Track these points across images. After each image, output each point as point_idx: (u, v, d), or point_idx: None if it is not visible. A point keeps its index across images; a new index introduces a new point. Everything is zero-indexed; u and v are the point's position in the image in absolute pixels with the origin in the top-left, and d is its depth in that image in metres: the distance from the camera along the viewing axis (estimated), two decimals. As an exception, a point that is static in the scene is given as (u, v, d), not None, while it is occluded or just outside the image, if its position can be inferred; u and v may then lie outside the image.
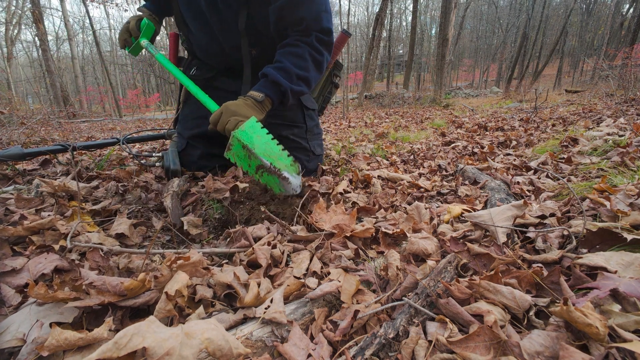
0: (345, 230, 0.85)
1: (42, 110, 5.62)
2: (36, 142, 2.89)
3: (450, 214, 0.97)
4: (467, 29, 34.42)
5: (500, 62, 26.79)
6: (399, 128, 4.18)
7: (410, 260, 0.74)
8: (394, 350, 0.50)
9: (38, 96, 17.41)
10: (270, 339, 0.50)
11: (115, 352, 0.39)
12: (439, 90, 10.56)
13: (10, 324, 0.52)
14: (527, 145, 2.26)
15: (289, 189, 1.08)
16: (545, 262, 0.67)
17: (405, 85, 17.22)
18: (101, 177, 1.35)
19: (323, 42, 1.23)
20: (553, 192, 1.12)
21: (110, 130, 5.85)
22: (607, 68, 8.07)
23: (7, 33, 15.62)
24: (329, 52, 1.27)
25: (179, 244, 0.91)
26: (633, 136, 1.69)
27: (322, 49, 1.23)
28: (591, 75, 17.54)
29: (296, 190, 1.10)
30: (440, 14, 10.38)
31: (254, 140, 1.03)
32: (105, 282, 0.56)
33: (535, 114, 4.24)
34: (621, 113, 3.07)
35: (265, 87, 1.17)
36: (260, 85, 1.18)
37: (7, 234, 0.75)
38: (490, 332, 0.48)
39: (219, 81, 1.45)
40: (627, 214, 0.76)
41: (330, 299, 0.60)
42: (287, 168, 1.08)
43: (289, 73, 1.17)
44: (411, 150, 2.39)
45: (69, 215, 0.91)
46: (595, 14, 27.06)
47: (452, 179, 1.49)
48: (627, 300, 0.51)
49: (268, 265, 0.72)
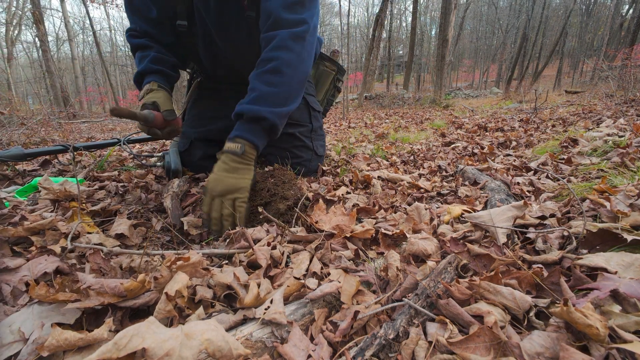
0: (345, 231, 0.85)
1: (42, 111, 5.62)
2: (36, 142, 2.89)
3: (450, 214, 0.97)
4: (467, 29, 34.44)
5: (500, 63, 26.81)
6: (398, 129, 4.18)
7: (410, 261, 0.74)
8: (394, 351, 0.50)
9: (38, 97, 17.42)
10: (270, 339, 0.50)
11: (115, 353, 0.39)
12: (438, 91, 10.57)
13: (11, 323, 0.52)
14: (527, 146, 2.26)
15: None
16: (546, 262, 0.67)
17: (405, 86, 17.24)
18: (100, 179, 1.35)
19: (297, 38, 1.03)
20: (553, 192, 1.12)
21: (111, 130, 5.85)
22: (607, 69, 8.08)
23: (8, 34, 15.64)
24: (306, 43, 1.07)
25: (179, 245, 0.91)
26: (633, 137, 1.69)
27: (293, 45, 1.02)
28: (591, 76, 17.54)
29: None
30: (440, 14, 10.39)
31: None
32: (104, 285, 0.56)
33: (535, 114, 4.24)
34: (621, 114, 3.07)
35: (241, 131, 0.98)
36: (236, 130, 0.99)
37: (7, 234, 0.75)
38: (490, 333, 0.48)
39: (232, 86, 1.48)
40: (627, 215, 0.76)
41: (330, 299, 0.60)
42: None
43: (265, 98, 0.99)
44: (411, 150, 2.39)
45: (69, 216, 0.91)
46: (595, 14, 27.08)
47: (452, 180, 1.49)
48: (628, 301, 0.51)
49: (268, 265, 0.72)
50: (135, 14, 1.21)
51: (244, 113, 0.98)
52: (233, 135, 0.99)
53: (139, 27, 1.23)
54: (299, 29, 1.03)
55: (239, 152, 0.95)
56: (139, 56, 1.23)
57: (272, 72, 1.01)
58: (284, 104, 1.02)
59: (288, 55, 1.01)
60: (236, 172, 0.95)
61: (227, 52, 1.29)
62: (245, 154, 0.97)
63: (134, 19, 1.22)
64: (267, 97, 0.99)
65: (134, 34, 1.24)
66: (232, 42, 1.25)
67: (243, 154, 0.96)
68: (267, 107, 0.98)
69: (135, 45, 1.24)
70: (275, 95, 1.00)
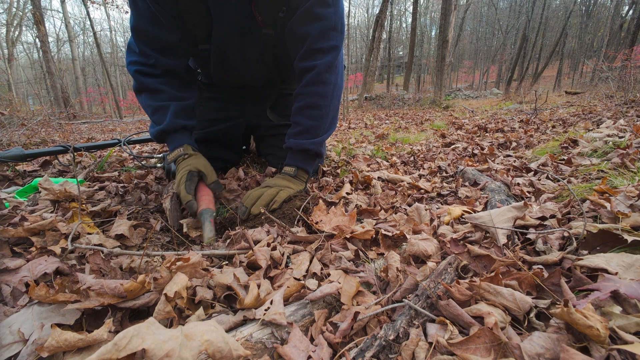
0: (345, 232, 0.85)
1: (43, 112, 5.62)
2: (37, 143, 2.89)
3: (451, 215, 0.97)
4: (467, 30, 34.49)
5: (500, 64, 26.84)
6: (399, 129, 4.19)
7: (410, 262, 0.74)
8: (394, 352, 0.50)
9: (39, 97, 17.45)
10: (270, 340, 0.50)
11: (115, 354, 0.39)
12: (439, 92, 10.58)
13: (11, 324, 0.52)
14: (527, 147, 2.26)
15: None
16: (546, 263, 0.67)
17: (405, 87, 17.24)
18: (101, 180, 1.35)
19: (330, 68, 1.12)
20: (553, 193, 1.12)
21: (111, 131, 5.85)
22: (607, 70, 8.08)
23: (8, 34, 15.67)
24: (338, 68, 1.18)
25: (179, 245, 0.91)
26: (633, 137, 1.69)
27: (328, 77, 1.13)
28: (591, 76, 17.56)
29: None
30: (440, 15, 10.41)
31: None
32: (104, 286, 0.56)
33: (535, 115, 4.24)
34: (621, 114, 3.07)
35: (293, 160, 1.18)
36: (289, 159, 1.19)
37: (7, 235, 0.75)
38: (490, 334, 0.47)
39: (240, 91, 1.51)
40: (627, 216, 0.76)
41: (330, 300, 0.60)
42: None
43: (309, 132, 1.15)
44: (411, 151, 2.39)
45: (69, 217, 0.91)
46: (595, 15, 27.11)
47: (452, 181, 1.49)
48: (628, 301, 0.50)
49: (268, 266, 0.72)
50: (147, 43, 1.11)
51: (292, 147, 1.17)
52: (288, 163, 1.19)
53: (149, 58, 1.12)
54: (333, 57, 1.13)
55: (293, 174, 1.16)
56: (153, 106, 1.13)
57: (312, 108, 1.15)
58: (326, 131, 1.20)
59: (324, 89, 1.14)
60: (290, 182, 1.14)
61: (238, 66, 1.30)
62: (297, 176, 1.17)
63: (144, 50, 1.11)
64: (310, 130, 1.16)
65: (142, 69, 1.13)
66: (245, 58, 1.27)
67: (296, 176, 1.17)
68: (310, 139, 1.16)
69: (144, 86, 1.14)
70: (317, 128, 1.17)
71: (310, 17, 1.07)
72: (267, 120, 1.51)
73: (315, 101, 1.14)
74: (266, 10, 1.12)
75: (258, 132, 1.62)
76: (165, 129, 1.12)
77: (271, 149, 1.54)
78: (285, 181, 1.12)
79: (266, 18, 1.14)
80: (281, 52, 1.26)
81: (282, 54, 1.26)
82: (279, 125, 1.50)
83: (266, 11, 1.12)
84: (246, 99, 1.52)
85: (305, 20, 1.07)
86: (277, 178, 1.14)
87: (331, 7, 1.08)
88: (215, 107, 1.49)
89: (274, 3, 1.10)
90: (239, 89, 1.48)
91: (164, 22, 1.08)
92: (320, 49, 1.10)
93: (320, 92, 1.13)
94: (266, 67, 1.33)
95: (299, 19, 1.08)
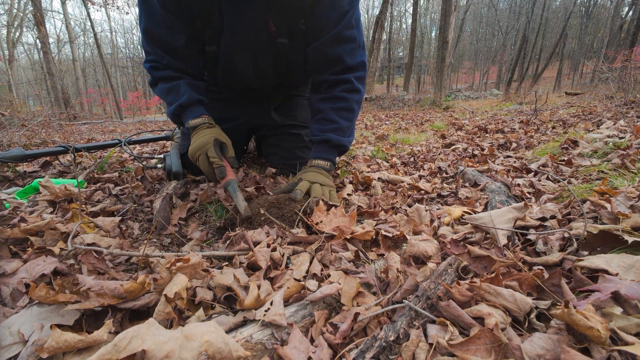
0: (346, 233, 0.85)
1: (43, 112, 5.63)
2: (37, 143, 2.90)
3: (451, 216, 0.97)
4: (467, 31, 34.54)
5: (500, 65, 26.88)
6: (399, 130, 4.19)
7: (410, 263, 0.74)
8: (395, 353, 0.49)
9: (39, 98, 17.47)
10: (270, 341, 0.50)
11: (115, 355, 0.39)
12: (439, 93, 10.59)
13: (11, 325, 0.52)
14: (527, 148, 2.26)
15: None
16: (546, 264, 0.66)
17: (405, 88, 17.25)
18: (101, 180, 1.35)
19: (360, 79, 1.28)
20: (553, 194, 1.12)
21: (111, 132, 5.86)
22: (607, 70, 8.08)
23: (9, 35, 15.71)
24: (364, 84, 1.33)
25: (179, 246, 0.91)
26: (633, 138, 1.69)
27: (360, 87, 1.28)
28: (591, 77, 17.58)
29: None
30: (440, 16, 10.42)
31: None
32: (103, 287, 0.56)
33: (535, 116, 4.25)
34: (621, 115, 3.07)
35: (327, 154, 1.25)
36: (324, 152, 1.25)
37: (5, 235, 0.75)
38: (491, 335, 0.47)
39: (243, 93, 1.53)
40: (627, 216, 0.76)
41: (330, 301, 0.60)
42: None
43: (344, 130, 1.27)
44: (411, 152, 2.39)
45: (69, 218, 0.91)
46: (595, 16, 27.15)
47: (453, 181, 1.49)
48: (629, 302, 0.50)
49: (268, 267, 0.72)
50: (158, 45, 1.18)
51: (331, 141, 1.24)
52: (323, 156, 1.25)
53: (162, 58, 1.20)
54: (362, 72, 1.28)
55: (329, 168, 1.23)
56: (166, 88, 1.21)
57: (347, 110, 1.27)
58: (352, 134, 1.33)
59: (358, 96, 1.28)
60: (327, 177, 1.20)
61: (246, 70, 1.31)
62: (330, 170, 1.25)
63: (156, 50, 1.19)
64: (345, 130, 1.27)
65: (156, 65, 1.22)
66: (256, 64, 1.29)
67: (329, 171, 1.24)
68: (347, 138, 1.28)
69: (159, 77, 1.23)
70: (349, 129, 1.29)
71: (341, 40, 1.18)
72: (271, 120, 1.51)
73: (351, 105, 1.28)
74: (283, 21, 1.16)
75: (260, 132, 1.62)
76: (183, 102, 1.19)
77: (273, 149, 1.54)
78: (323, 177, 1.17)
79: (280, 29, 1.18)
80: (294, 60, 1.30)
81: (295, 62, 1.30)
82: (282, 125, 1.51)
83: (283, 22, 1.17)
84: (250, 100, 1.52)
85: (336, 43, 1.18)
86: (314, 172, 1.17)
87: (355, 28, 1.19)
88: (218, 107, 1.49)
89: (292, 16, 1.15)
90: (243, 90, 1.48)
91: (173, 26, 1.12)
92: (353, 67, 1.24)
93: (355, 99, 1.28)
94: (278, 75, 1.36)
95: (329, 42, 1.17)
